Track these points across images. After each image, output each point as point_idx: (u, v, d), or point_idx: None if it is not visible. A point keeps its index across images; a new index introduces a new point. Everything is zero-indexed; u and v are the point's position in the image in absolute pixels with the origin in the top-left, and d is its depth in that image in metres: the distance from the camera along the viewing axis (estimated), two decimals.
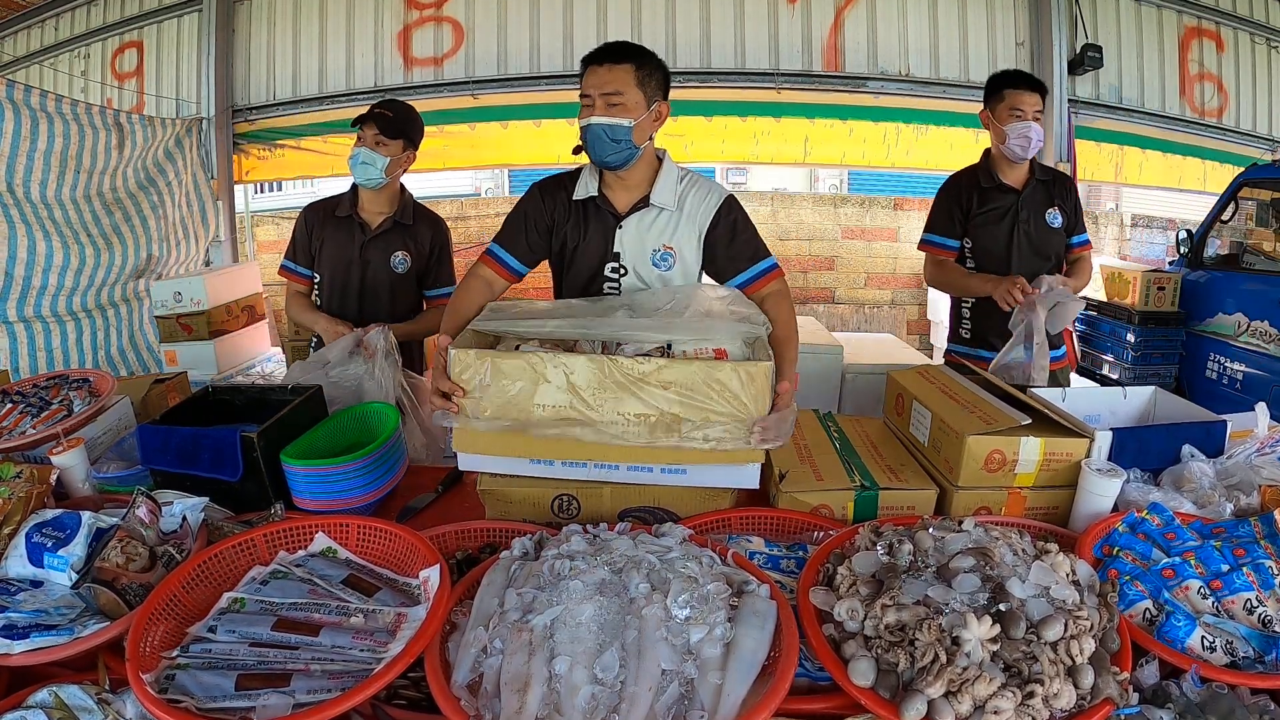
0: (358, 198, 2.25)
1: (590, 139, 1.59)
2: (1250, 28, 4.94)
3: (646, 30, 4.50)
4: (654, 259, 1.68)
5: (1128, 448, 1.35)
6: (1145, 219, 6.80)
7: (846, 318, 6.29)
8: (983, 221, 2.36)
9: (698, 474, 1.25)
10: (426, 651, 0.89)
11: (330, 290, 2.26)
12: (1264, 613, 0.98)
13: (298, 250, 2.28)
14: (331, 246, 2.23)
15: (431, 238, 2.32)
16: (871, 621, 0.90)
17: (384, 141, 2.13)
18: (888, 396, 1.63)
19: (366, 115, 2.14)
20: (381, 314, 2.18)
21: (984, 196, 2.36)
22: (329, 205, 2.28)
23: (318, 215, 2.27)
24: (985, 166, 2.38)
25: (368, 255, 2.23)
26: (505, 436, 1.24)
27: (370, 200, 2.24)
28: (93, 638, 0.94)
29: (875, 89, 4.54)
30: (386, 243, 2.24)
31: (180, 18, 4.86)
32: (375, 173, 2.14)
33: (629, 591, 0.95)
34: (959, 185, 2.41)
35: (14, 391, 1.69)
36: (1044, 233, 2.35)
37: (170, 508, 1.16)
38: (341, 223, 2.24)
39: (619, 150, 1.59)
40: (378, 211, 2.25)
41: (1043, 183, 2.37)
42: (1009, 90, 2.27)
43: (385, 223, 2.24)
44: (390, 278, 2.25)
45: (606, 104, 1.56)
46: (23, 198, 3.26)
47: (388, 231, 2.24)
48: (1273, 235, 4.16)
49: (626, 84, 1.57)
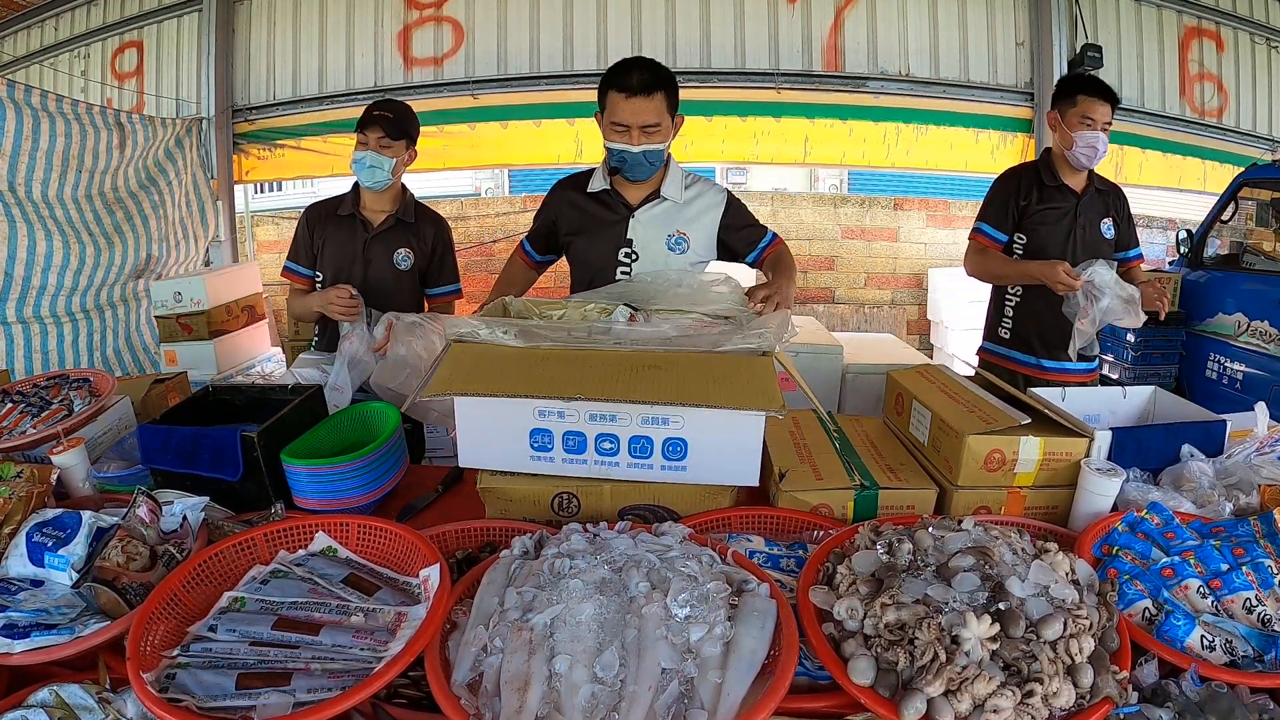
0: (359, 197, 2.26)
1: (631, 164, 1.80)
2: (1250, 28, 4.94)
3: (646, 30, 4.50)
4: (669, 243, 1.89)
5: (1127, 447, 1.35)
6: (1145, 219, 6.79)
7: (846, 318, 6.29)
8: (1041, 219, 2.33)
9: (697, 470, 1.25)
10: (426, 650, 0.89)
11: None
12: (1263, 612, 0.98)
13: (300, 251, 2.28)
14: (334, 246, 2.24)
15: (434, 236, 2.33)
16: (871, 620, 0.91)
17: (389, 144, 2.15)
18: (887, 396, 1.63)
19: (368, 119, 2.15)
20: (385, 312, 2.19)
21: (1045, 194, 2.33)
22: (330, 205, 2.28)
23: (319, 215, 2.27)
24: (1047, 164, 2.35)
25: (370, 254, 2.23)
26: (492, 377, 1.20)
27: (373, 200, 2.25)
28: (93, 637, 0.94)
29: (875, 89, 4.55)
30: (389, 241, 2.25)
31: (180, 18, 4.86)
32: (383, 175, 2.16)
33: (629, 590, 0.95)
34: (1018, 179, 2.37)
35: (14, 391, 1.69)
36: (1098, 241, 2.33)
37: (170, 507, 1.16)
38: (344, 222, 2.25)
39: (654, 168, 1.84)
40: (380, 210, 2.26)
41: (1100, 192, 2.36)
42: (1083, 97, 2.24)
43: (388, 221, 2.25)
44: (393, 275, 2.26)
45: (645, 134, 1.76)
46: (24, 197, 3.26)
47: (390, 230, 2.25)
48: (1273, 235, 4.17)
49: (660, 113, 1.76)
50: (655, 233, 1.89)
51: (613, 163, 1.82)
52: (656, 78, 1.73)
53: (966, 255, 2.45)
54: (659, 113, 1.74)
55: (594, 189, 1.91)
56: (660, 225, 1.89)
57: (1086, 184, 2.35)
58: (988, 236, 2.39)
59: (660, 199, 1.89)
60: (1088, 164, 2.28)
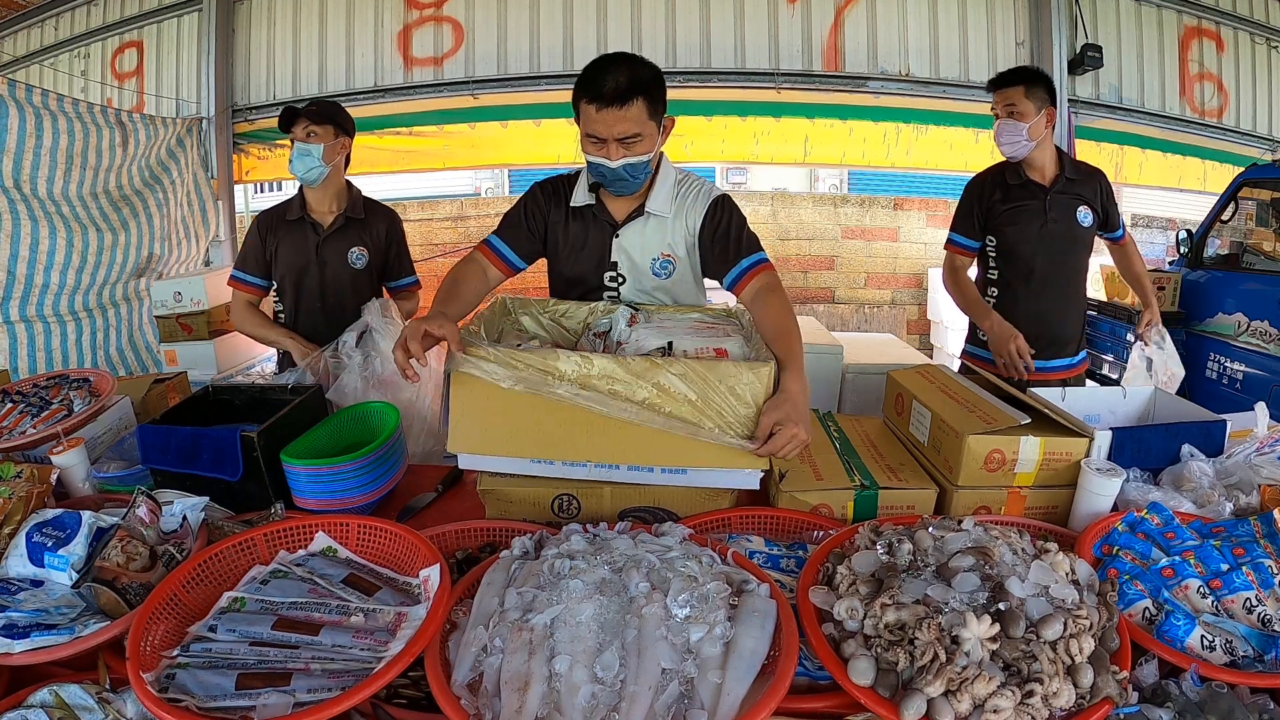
0: (305, 200, 2.26)
1: (611, 179, 1.56)
2: (1250, 28, 4.94)
3: (646, 30, 4.50)
4: (654, 268, 1.67)
5: (1127, 447, 1.35)
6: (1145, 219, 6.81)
7: (846, 318, 6.29)
8: (1008, 220, 2.32)
9: (698, 475, 1.25)
10: (426, 650, 0.89)
11: (292, 295, 2.27)
12: (1263, 612, 0.98)
13: (249, 259, 2.26)
14: (287, 251, 2.24)
15: (386, 230, 2.34)
16: (871, 620, 0.91)
17: (314, 131, 2.15)
18: (887, 396, 1.63)
19: (290, 117, 2.16)
20: (346, 312, 2.17)
21: (1010, 194, 2.31)
22: (279, 212, 2.28)
23: (269, 222, 2.28)
24: (1011, 166, 2.34)
25: (324, 255, 2.24)
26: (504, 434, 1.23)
27: (318, 200, 2.25)
28: (93, 637, 0.94)
29: (875, 89, 4.54)
30: (342, 240, 2.25)
31: (180, 18, 4.85)
32: (314, 162, 2.15)
33: (629, 591, 0.95)
34: (981, 184, 2.38)
35: (14, 391, 1.69)
36: (1074, 231, 2.31)
37: (170, 507, 1.16)
38: (294, 226, 2.24)
39: (638, 181, 1.58)
40: (328, 210, 2.26)
41: (1072, 180, 2.31)
42: (992, 93, 2.29)
43: (337, 220, 2.25)
44: (349, 274, 2.26)
45: (624, 147, 1.50)
46: (30, 193, 3.27)
47: (341, 229, 2.25)
48: (1273, 235, 4.16)
49: (640, 121, 1.49)
50: (640, 255, 1.67)
51: (594, 177, 1.60)
52: (632, 83, 1.46)
53: (944, 269, 2.46)
54: (638, 121, 1.48)
55: (577, 203, 1.68)
56: (645, 247, 1.67)
57: (1056, 175, 2.31)
58: (959, 245, 2.40)
59: (646, 215, 1.65)
60: (1006, 154, 2.28)
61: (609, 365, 1.20)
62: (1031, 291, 2.33)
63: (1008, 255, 2.34)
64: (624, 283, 1.69)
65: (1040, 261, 2.29)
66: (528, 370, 1.20)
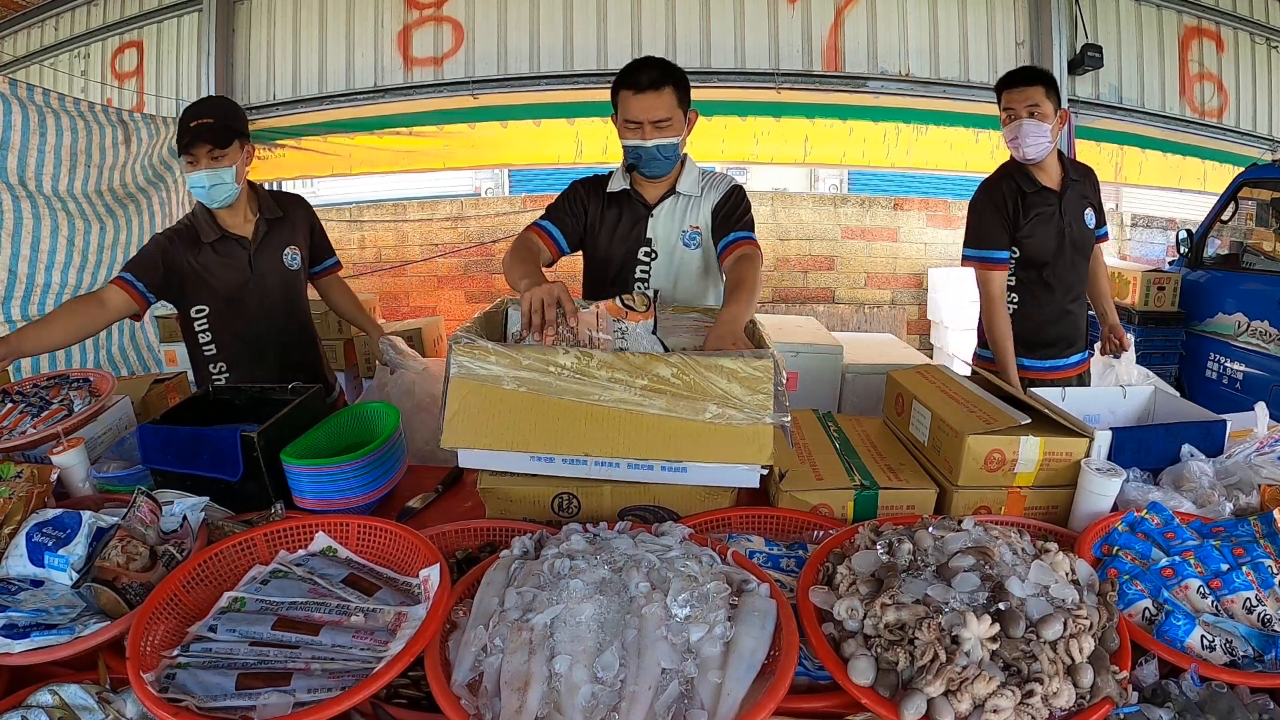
0: (214, 218, 1.97)
1: (646, 159, 1.82)
2: (1250, 28, 4.94)
3: (646, 30, 4.50)
4: (684, 239, 1.92)
5: (1127, 447, 1.35)
6: (1145, 219, 6.80)
7: (846, 318, 6.29)
8: (1031, 230, 2.22)
9: (698, 472, 1.25)
10: (426, 650, 0.89)
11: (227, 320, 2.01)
12: (1263, 612, 0.98)
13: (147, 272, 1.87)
14: (216, 277, 1.96)
15: (305, 219, 2.15)
16: (871, 620, 0.91)
17: (219, 154, 1.86)
18: (887, 396, 1.63)
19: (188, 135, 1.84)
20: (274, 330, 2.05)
21: (1028, 201, 2.21)
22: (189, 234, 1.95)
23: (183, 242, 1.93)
24: (1021, 171, 2.24)
25: (260, 268, 2.00)
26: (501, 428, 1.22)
27: (232, 214, 1.98)
28: (93, 637, 0.94)
29: (875, 89, 4.54)
30: (271, 246, 2.03)
31: (180, 18, 4.86)
32: (229, 189, 1.90)
33: (629, 590, 0.95)
34: (1000, 193, 2.23)
35: (14, 391, 1.69)
36: (1084, 234, 2.28)
37: (170, 507, 1.16)
38: (215, 248, 1.95)
39: (669, 163, 1.86)
40: (244, 220, 2.00)
41: (1076, 182, 2.28)
42: (1001, 92, 2.22)
43: (259, 227, 2.01)
44: (286, 279, 2.06)
45: (657, 129, 1.77)
46: (35, 190, 3.27)
47: (267, 235, 2.02)
48: (1273, 235, 4.16)
49: (671, 107, 1.77)
50: (672, 229, 1.91)
51: (629, 160, 1.85)
52: (665, 74, 1.76)
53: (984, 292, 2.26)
54: (669, 107, 1.76)
55: (614, 189, 1.93)
56: (676, 221, 1.92)
57: (1063, 178, 2.26)
58: (996, 261, 2.23)
59: (676, 195, 1.91)
60: (1021, 155, 2.19)
61: (609, 358, 1.20)
62: (1053, 295, 2.29)
63: (1029, 261, 2.26)
64: (656, 258, 1.92)
65: (1061, 265, 2.25)
66: (530, 361, 1.19)
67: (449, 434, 1.22)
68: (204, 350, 2.04)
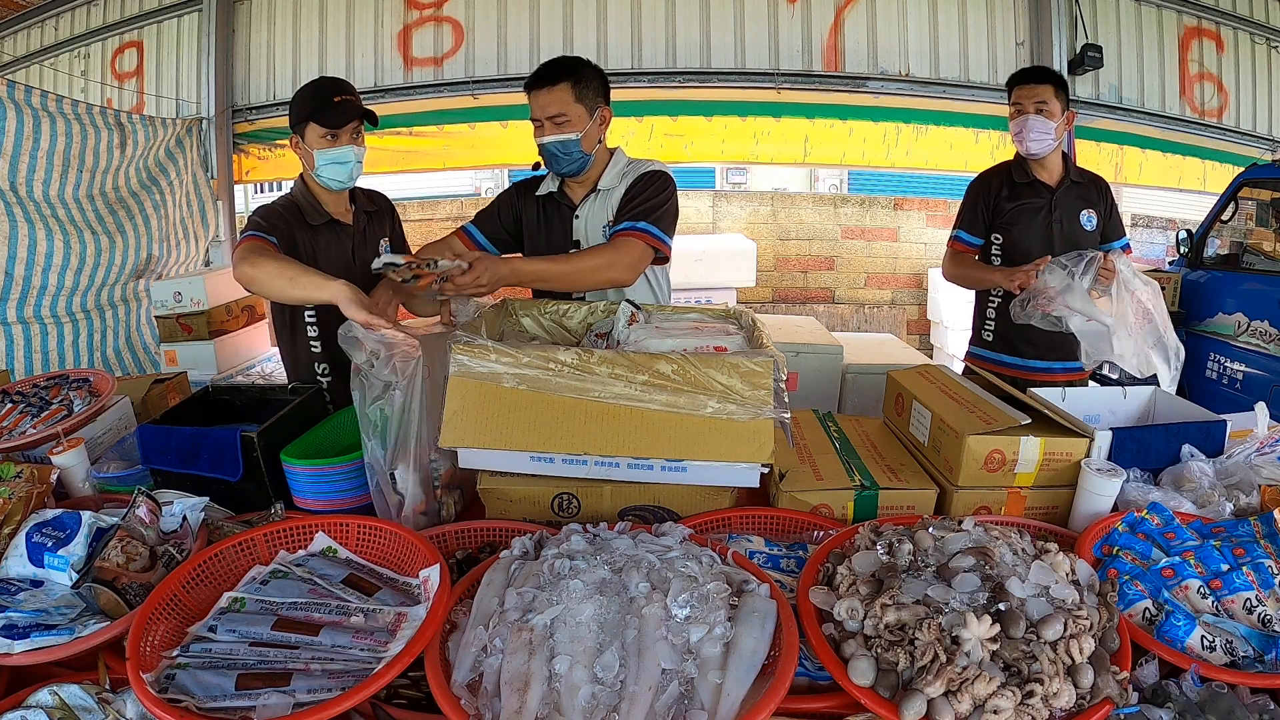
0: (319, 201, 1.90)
1: (546, 156, 1.82)
2: (1250, 28, 4.94)
3: (646, 31, 4.50)
4: (606, 234, 1.86)
5: (1127, 447, 1.35)
6: (1145, 219, 6.81)
7: (846, 318, 6.30)
8: (1014, 219, 2.32)
9: (698, 471, 1.25)
10: (426, 651, 0.89)
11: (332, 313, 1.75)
12: (1263, 612, 0.98)
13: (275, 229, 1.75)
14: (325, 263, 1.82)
15: (390, 211, 2.11)
16: (871, 621, 0.91)
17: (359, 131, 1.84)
18: (887, 396, 1.63)
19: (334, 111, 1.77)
20: None
21: (1016, 192, 2.32)
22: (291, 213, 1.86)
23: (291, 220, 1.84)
24: (1018, 163, 2.35)
25: (363, 255, 1.93)
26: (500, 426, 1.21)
27: (337, 200, 1.93)
28: (93, 637, 0.94)
29: (875, 89, 4.54)
30: (370, 236, 2.00)
31: (180, 18, 4.86)
32: (359, 166, 1.87)
33: (629, 591, 0.95)
34: (987, 182, 2.39)
35: (14, 391, 1.69)
36: (1077, 234, 2.31)
37: (170, 507, 1.16)
38: (322, 231, 1.89)
39: (572, 161, 1.82)
40: (345, 210, 1.96)
41: (1077, 184, 2.33)
42: (1012, 88, 2.29)
43: (359, 218, 1.98)
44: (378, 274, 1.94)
45: (555, 125, 1.75)
46: (25, 196, 3.27)
47: (366, 225, 1.99)
48: (1273, 235, 4.17)
49: (566, 103, 1.74)
50: (595, 227, 1.88)
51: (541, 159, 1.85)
52: (562, 70, 1.75)
53: (944, 261, 2.49)
54: (563, 103, 1.74)
55: (542, 192, 1.94)
56: (598, 218, 1.89)
57: (1062, 177, 2.32)
58: (963, 242, 2.42)
59: (598, 192, 1.89)
60: (1024, 150, 2.27)
61: (609, 354, 1.20)
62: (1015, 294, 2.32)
63: (1012, 253, 2.33)
64: None
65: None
66: (530, 358, 1.19)
67: (448, 433, 1.22)
68: (310, 347, 1.95)
